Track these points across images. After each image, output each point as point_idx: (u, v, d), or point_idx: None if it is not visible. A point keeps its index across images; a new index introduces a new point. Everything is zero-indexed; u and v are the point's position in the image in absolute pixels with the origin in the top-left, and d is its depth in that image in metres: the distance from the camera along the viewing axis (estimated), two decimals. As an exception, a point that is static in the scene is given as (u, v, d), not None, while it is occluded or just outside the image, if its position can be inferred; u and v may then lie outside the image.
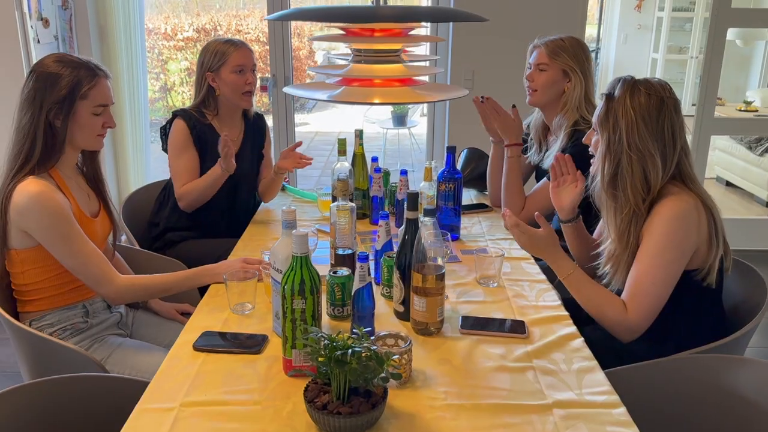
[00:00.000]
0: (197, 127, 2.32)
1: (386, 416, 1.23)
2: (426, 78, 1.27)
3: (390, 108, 6.33)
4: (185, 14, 9.83)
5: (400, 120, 6.33)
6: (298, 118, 8.89)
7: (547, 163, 2.21)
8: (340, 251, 1.75)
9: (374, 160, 2.31)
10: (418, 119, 6.72)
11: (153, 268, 2.08)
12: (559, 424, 1.21)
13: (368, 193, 2.32)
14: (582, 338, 1.53)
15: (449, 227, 2.10)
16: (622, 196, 1.59)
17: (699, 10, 7.86)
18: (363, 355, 1.15)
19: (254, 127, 2.50)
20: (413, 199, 1.55)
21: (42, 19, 3.31)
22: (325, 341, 1.16)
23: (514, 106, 2.25)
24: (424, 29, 1.37)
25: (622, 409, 1.26)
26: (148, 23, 8.47)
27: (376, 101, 1.11)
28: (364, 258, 1.48)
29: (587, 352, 1.47)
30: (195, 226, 2.38)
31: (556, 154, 1.88)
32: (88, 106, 1.67)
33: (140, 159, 3.97)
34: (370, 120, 6.84)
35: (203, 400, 1.28)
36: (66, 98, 1.63)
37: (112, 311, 1.83)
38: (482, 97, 2.25)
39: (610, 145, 1.58)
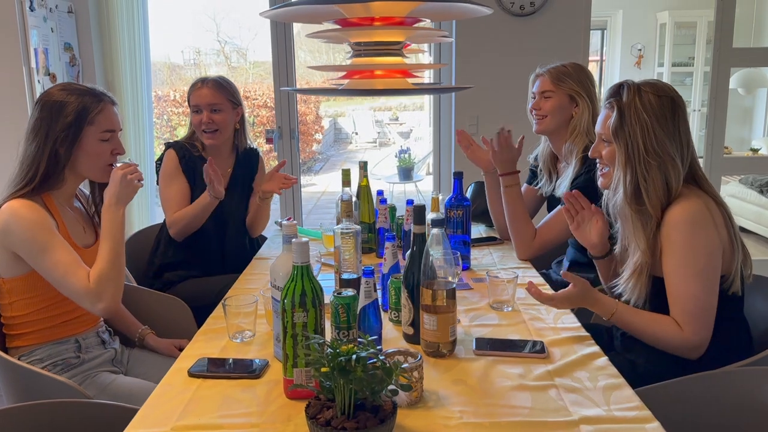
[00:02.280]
0: (187, 157, 2.33)
1: (396, 436, 1.12)
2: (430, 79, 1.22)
3: (396, 162, 6.34)
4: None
5: (406, 174, 6.33)
6: (305, 179, 8.94)
7: (561, 191, 2.15)
8: (345, 275, 1.66)
9: (380, 193, 2.26)
10: (424, 175, 6.72)
11: (154, 305, 2.01)
12: (588, 440, 1.10)
13: (374, 226, 2.25)
14: (606, 357, 1.42)
15: (459, 257, 2.02)
16: (647, 206, 1.50)
17: (699, 64, 7.98)
18: (370, 364, 1.06)
19: (245, 161, 2.46)
20: (419, 212, 1.48)
21: (49, 75, 3.35)
22: (329, 349, 1.07)
23: (509, 131, 2.18)
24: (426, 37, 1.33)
25: (656, 424, 1.14)
26: (158, 91, 8.66)
27: (378, 88, 1.06)
28: (370, 273, 1.40)
29: (613, 370, 1.36)
30: (187, 263, 2.33)
31: (565, 193, 1.80)
32: (95, 132, 1.63)
33: (147, 224, 3.92)
34: (376, 176, 6.84)
35: (196, 424, 1.17)
36: (72, 125, 1.59)
37: (107, 347, 1.74)
38: (500, 132, 2.16)
39: (629, 154, 1.50)
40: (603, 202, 1.72)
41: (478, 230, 2.53)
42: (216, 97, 2.32)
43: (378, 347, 1.26)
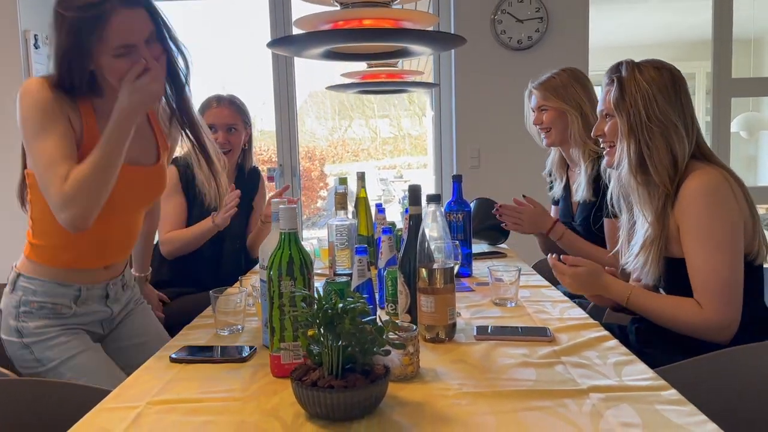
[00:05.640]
0: (188, 174, 2.27)
1: (390, 404, 1.03)
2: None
3: (399, 209, 6.29)
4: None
5: (410, 221, 6.26)
6: (310, 233, 8.89)
7: (579, 195, 2.12)
8: (339, 270, 1.60)
9: (378, 206, 2.21)
10: (430, 222, 6.66)
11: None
12: (599, 405, 1.00)
13: (373, 239, 2.19)
14: (617, 340, 1.33)
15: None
16: (653, 176, 1.44)
17: (699, 115, 8.02)
18: (359, 320, 0.98)
19: (247, 181, 2.43)
20: (415, 192, 1.43)
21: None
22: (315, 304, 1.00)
23: (524, 197, 2.18)
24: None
25: (673, 391, 1.05)
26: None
27: (366, 27, 1.03)
28: (363, 251, 1.34)
29: (624, 349, 1.27)
30: (182, 281, 2.26)
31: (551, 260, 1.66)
32: (106, 50, 1.35)
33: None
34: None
35: (174, 398, 1.09)
36: (74, 45, 1.33)
37: (108, 304, 1.61)
38: (499, 207, 2.18)
39: (632, 123, 1.46)
40: (609, 193, 1.66)
41: (481, 248, 2.46)
42: (234, 117, 2.29)
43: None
